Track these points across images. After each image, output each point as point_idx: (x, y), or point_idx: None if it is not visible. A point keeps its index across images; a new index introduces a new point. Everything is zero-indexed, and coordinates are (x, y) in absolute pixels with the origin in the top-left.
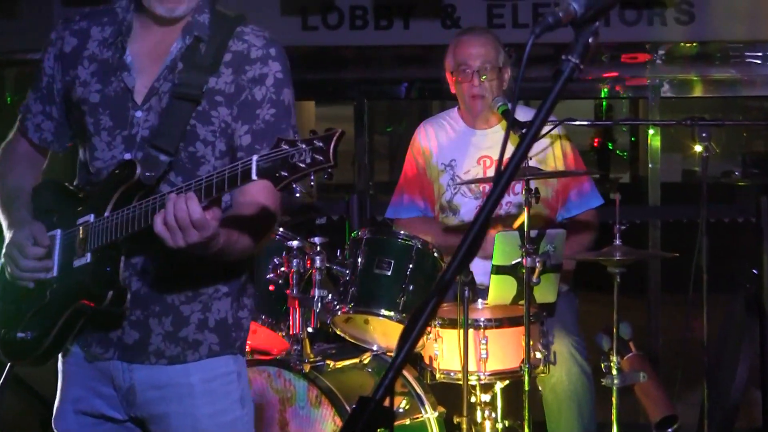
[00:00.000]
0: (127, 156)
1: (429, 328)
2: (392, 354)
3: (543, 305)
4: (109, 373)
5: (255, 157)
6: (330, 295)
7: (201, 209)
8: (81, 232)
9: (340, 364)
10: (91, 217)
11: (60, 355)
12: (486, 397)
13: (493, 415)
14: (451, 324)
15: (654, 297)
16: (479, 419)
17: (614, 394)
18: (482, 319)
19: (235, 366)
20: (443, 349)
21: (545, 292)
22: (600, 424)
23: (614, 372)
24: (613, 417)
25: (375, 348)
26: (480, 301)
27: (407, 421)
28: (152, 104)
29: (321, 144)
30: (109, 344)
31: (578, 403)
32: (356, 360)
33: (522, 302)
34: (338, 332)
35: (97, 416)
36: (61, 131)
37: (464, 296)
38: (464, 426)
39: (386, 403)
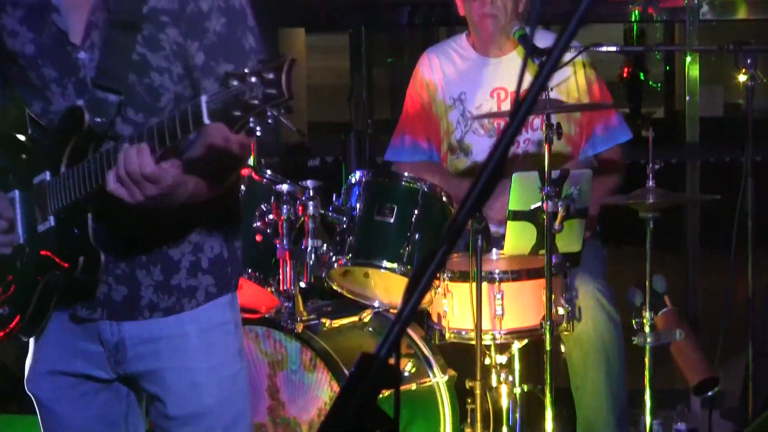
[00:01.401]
0: (80, 103)
1: (437, 282)
2: (395, 311)
3: (566, 255)
4: (96, 331)
5: (204, 98)
6: (325, 246)
7: (153, 162)
8: (39, 192)
9: (337, 323)
10: (47, 175)
11: None
12: (502, 359)
13: (510, 378)
14: (462, 277)
15: (692, 250)
16: (494, 383)
17: (647, 355)
18: (497, 272)
19: (232, 314)
20: (453, 305)
21: (569, 240)
22: (631, 391)
23: (647, 330)
24: (646, 381)
25: (376, 305)
26: (495, 251)
27: (413, 386)
28: (93, 40)
29: (272, 76)
30: (96, 304)
31: (606, 356)
32: (355, 318)
33: (542, 252)
34: (335, 287)
35: (77, 376)
36: None
37: (477, 246)
38: (477, 391)
39: (392, 361)
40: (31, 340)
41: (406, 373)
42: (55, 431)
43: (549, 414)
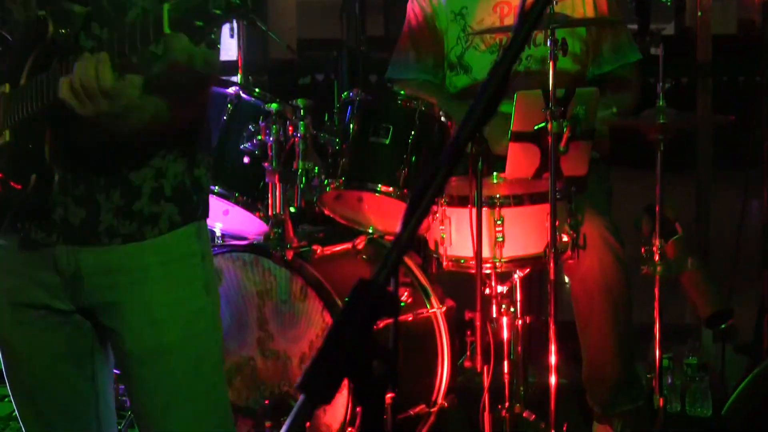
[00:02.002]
0: (43, 13)
1: (434, 207)
2: (391, 238)
3: (571, 179)
4: (52, 258)
5: (166, 8)
6: (316, 169)
7: (113, 77)
8: None
9: (329, 250)
10: (6, 88)
11: None
12: (503, 289)
13: (512, 309)
14: (461, 202)
15: (704, 175)
16: (495, 315)
17: (657, 285)
18: (498, 196)
19: (198, 245)
20: (451, 231)
21: (574, 163)
22: (639, 325)
23: (657, 258)
24: (656, 313)
25: (370, 231)
26: (496, 174)
27: (410, 317)
28: None
29: None
30: (52, 227)
31: (612, 299)
32: (348, 245)
33: (546, 175)
34: (327, 212)
35: (39, 308)
36: None
37: (477, 168)
38: (477, 323)
39: (390, 287)
40: None
41: (402, 304)
42: (17, 370)
43: (553, 347)
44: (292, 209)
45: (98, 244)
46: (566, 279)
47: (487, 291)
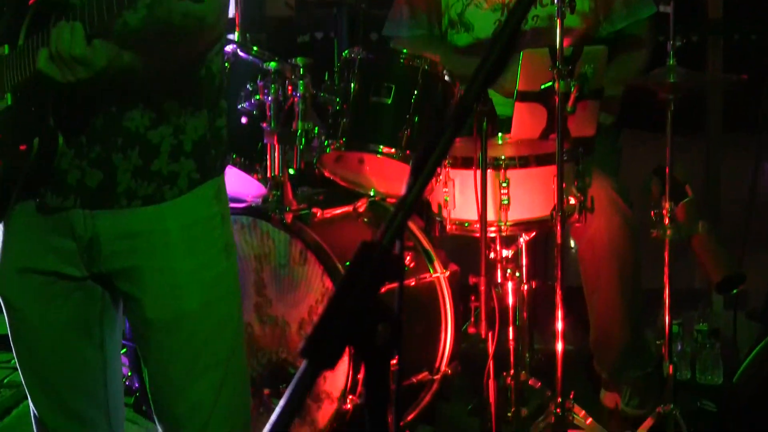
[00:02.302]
0: None
1: (438, 169)
2: (393, 200)
3: (579, 140)
4: (68, 223)
5: None
6: (316, 129)
7: (84, 43)
8: None
9: (329, 213)
10: (5, 49)
11: None
12: (508, 253)
13: (517, 274)
14: (465, 163)
15: (715, 137)
16: (500, 279)
17: (666, 249)
18: (503, 157)
19: (218, 206)
20: (455, 194)
21: (582, 123)
22: (649, 291)
23: (667, 221)
24: (665, 277)
25: (372, 194)
26: (501, 135)
27: (413, 282)
28: None
29: None
30: (68, 191)
31: (621, 262)
32: (349, 208)
33: (553, 136)
34: (327, 174)
35: (48, 274)
36: None
37: (481, 129)
38: (482, 288)
39: (396, 250)
40: None
41: (405, 268)
42: (24, 337)
43: (559, 313)
44: (291, 171)
45: (116, 206)
46: (572, 243)
47: (492, 255)
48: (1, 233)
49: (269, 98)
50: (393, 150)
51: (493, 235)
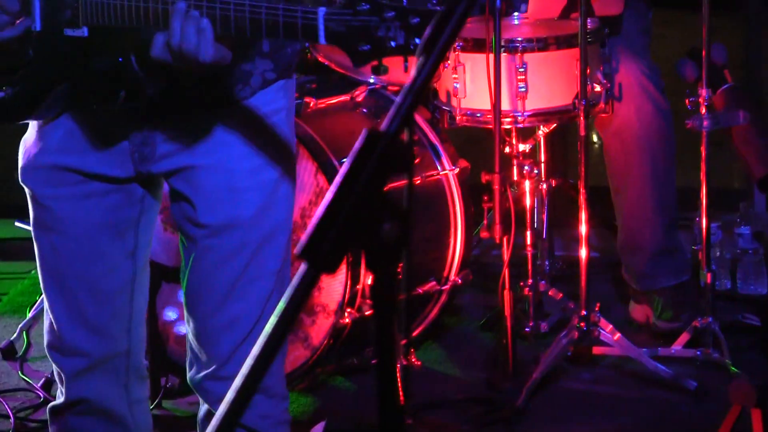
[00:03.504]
0: None
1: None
2: (396, 88)
3: (604, 19)
4: (122, 121)
5: (321, 12)
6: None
7: (214, 53)
8: None
9: (324, 103)
10: None
11: None
12: (525, 147)
13: (535, 171)
14: (477, 46)
15: (756, 12)
16: (516, 177)
17: (703, 143)
18: (520, 39)
19: (285, 100)
20: (466, 80)
21: (607, 0)
22: (683, 190)
23: (703, 111)
24: (702, 174)
25: (371, 80)
26: (517, 14)
27: (418, 180)
28: None
29: (417, 20)
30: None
31: (652, 153)
32: (346, 97)
33: (575, 15)
34: (320, 59)
35: (83, 174)
36: None
37: (495, 7)
38: (495, 186)
39: (404, 138)
40: (33, 123)
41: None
42: (49, 236)
43: (583, 215)
44: None
45: (179, 111)
46: (596, 138)
47: (507, 150)
48: (36, 127)
49: None
50: None
51: (508, 127)
